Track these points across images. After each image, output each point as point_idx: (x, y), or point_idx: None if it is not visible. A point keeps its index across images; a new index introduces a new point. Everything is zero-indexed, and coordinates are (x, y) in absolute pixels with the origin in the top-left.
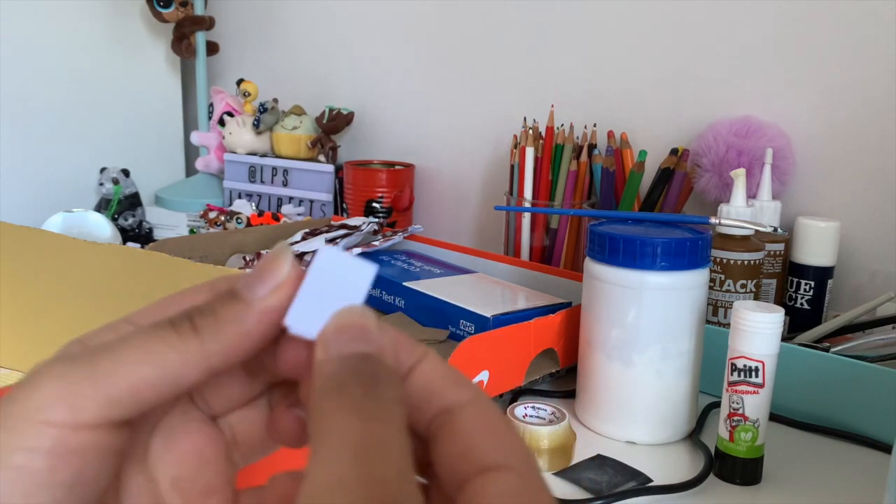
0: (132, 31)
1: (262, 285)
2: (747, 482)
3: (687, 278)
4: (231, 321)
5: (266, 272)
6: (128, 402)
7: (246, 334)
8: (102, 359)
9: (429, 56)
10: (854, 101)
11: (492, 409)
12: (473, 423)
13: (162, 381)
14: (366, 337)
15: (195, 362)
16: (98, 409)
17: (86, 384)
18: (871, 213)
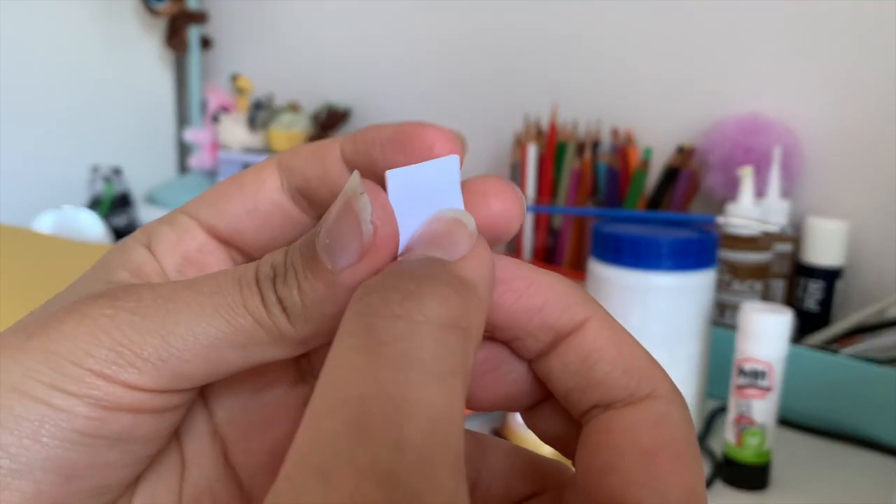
0: (124, 27)
1: (343, 255)
2: (754, 488)
3: (693, 279)
4: (318, 303)
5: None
6: (198, 377)
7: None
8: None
9: (427, 51)
10: (864, 99)
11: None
12: (609, 345)
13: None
14: (445, 241)
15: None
16: (159, 378)
17: (150, 347)
18: (880, 212)
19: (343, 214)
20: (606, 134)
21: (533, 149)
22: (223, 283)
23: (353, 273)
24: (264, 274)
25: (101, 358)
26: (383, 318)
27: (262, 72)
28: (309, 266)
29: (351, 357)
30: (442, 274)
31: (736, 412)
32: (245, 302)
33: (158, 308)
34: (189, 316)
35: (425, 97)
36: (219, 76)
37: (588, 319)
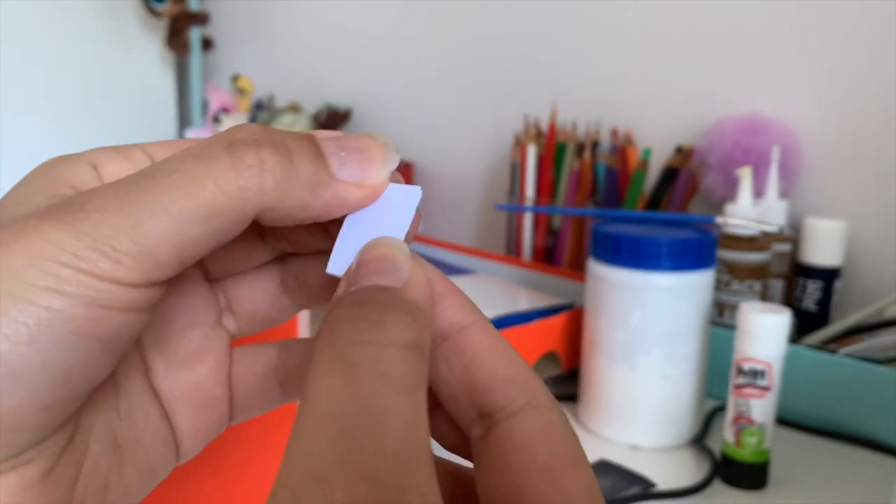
0: (126, 28)
1: (351, 170)
2: (753, 487)
3: (692, 279)
4: (304, 185)
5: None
6: (172, 264)
7: (307, 210)
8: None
9: (428, 52)
10: (863, 99)
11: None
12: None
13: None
14: (388, 269)
15: (244, 211)
16: (141, 269)
17: (125, 239)
18: (879, 212)
19: (370, 147)
20: (606, 134)
21: (532, 149)
22: (179, 161)
23: (349, 190)
24: (242, 139)
25: (87, 258)
26: (354, 345)
27: (263, 72)
28: (308, 155)
29: (329, 380)
30: (396, 301)
31: (735, 412)
32: (207, 169)
33: (122, 200)
34: (151, 200)
35: (425, 98)
36: (220, 77)
37: (471, 325)
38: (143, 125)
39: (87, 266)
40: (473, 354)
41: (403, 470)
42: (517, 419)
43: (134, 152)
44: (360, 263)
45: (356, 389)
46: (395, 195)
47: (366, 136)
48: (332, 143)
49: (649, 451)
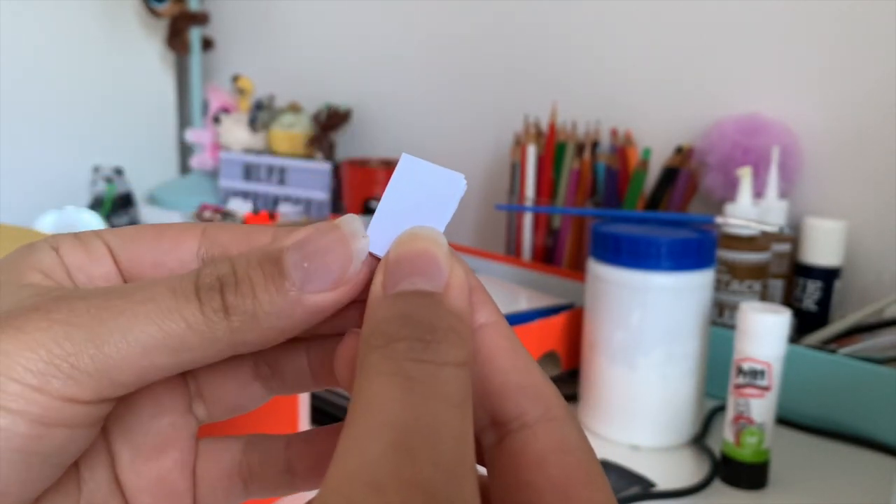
0: (126, 28)
1: (318, 280)
2: (753, 487)
3: (692, 279)
4: (272, 314)
5: (326, 257)
6: (130, 384)
7: (285, 331)
8: (106, 329)
9: (428, 52)
10: (862, 99)
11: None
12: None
13: (173, 365)
14: (429, 269)
15: (217, 350)
16: (97, 387)
17: (86, 357)
18: (878, 212)
19: (334, 248)
20: (605, 134)
21: (532, 149)
22: (155, 291)
23: (322, 299)
24: (206, 284)
25: (39, 372)
26: (413, 362)
27: (263, 73)
28: (272, 281)
29: (388, 392)
30: (445, 317)
31: (734, 411)
32: (179, 309)
33: (91, 317)
34: (122, 323)
35: (425, 98)
36: (220, 77)
37: (491, 324)
38: (143, 125)
39: (37, 383)
40: (489, 356)
41: (454, 483)
42: (531, 432)
43: (93, 242)
44: (399, 259)
45: (414, 403)
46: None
47: (329, 227)
48: (296, 254)
49: (649, 450)
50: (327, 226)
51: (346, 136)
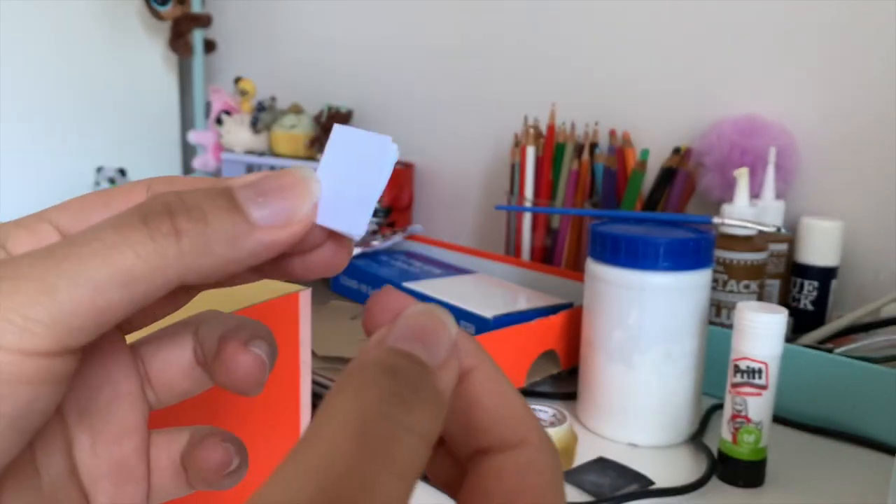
0: (129, 30)
1: (270, 210)
2: (750, 485)
3: (690, 279)
4: (223, 241)
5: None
6: (88, 329)
7: (232, 264)
8: (53, 276)
9: (428, 54)
10: (859, 100)
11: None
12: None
13: (127, 300)
14: (432, 344)
15: (166, 279)
16: (55, 337)
17: (38, 307)
18: (875, 212)
19: (290, 186)
20: (604, 135)
21: (531, 150)
22: (97, 231)
23: (273, 235)
24: (153, 210)
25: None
26: (377, 415)
27: (265, 74)
28: (224, 210)
29: (340, 434)
30: (429, 389)
31: (732, 410)
32: (126, 240)
33: (37, 268)
34: (69, 268)
35: (426, 98)
36: (222, 79)
37: (475, 368)
38: (145, 127)
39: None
40: (474, 396)
41: None
42: (503, 455)
43: (39, 226)
44: (411, 323)
45: (360, 459)
46: (371, 145)
47: (283, 172)
48: (248, 191)
49: (647, 448)
50: (280, 171)
51: None
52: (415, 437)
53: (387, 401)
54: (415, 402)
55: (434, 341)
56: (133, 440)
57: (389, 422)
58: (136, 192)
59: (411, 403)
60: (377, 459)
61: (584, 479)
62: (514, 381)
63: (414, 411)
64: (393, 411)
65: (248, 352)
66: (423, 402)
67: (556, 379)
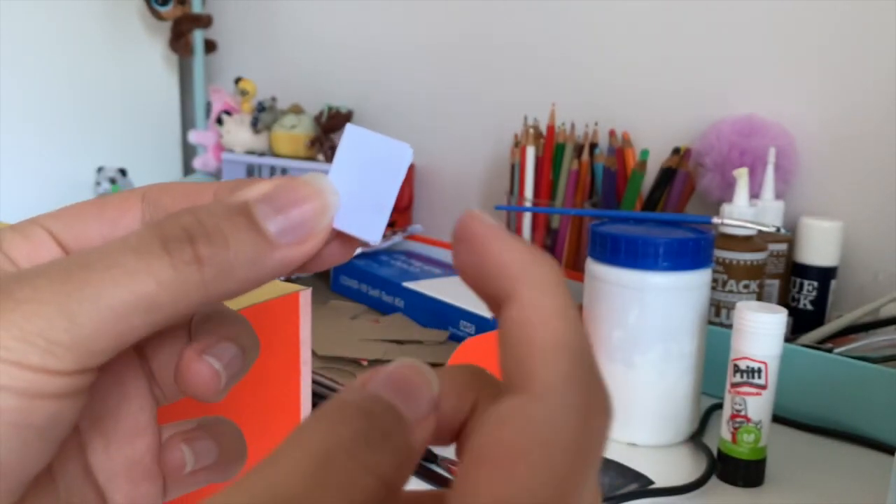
0: (129, 30)
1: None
2: (750, 484)
3: (689, 279)
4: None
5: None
6: (109, 350)
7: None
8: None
9: (429, 54)
10: (858, 101)
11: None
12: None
13: (148, 325)
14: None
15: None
16: (76, 359)
17: (60, 331)
18: (874, 213)
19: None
20: (604, 135)
21: (531, 150)
22: (116, 255)
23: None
24: (173, 235)
25: (15, 349)
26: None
27: (266, 74)
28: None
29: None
30: (400, 439)
31: (731, 410)
32: (148, 267)
33: (57, 292)
34: (90, 293)
35: (426, 99)
36: (222, 79)
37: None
38: (146, 127)
39: (16, 358)
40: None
41: None
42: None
43: (33, 231)
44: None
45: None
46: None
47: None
48: (266, 207)
49: (647, 448)
50: (296, 181)
51: None
52: (375, 480)
53: (355, 440)
54: (384, 447)
55: (416, 397)
56: (145, 439)
57: (353, 461)
58: (130, 202)
59: (380, 448)
60: (331, 494)
61: None
62: None
63: (380, 456)
64: (359, 452)
65: (202, 361)
66: (391, 449)
67: None
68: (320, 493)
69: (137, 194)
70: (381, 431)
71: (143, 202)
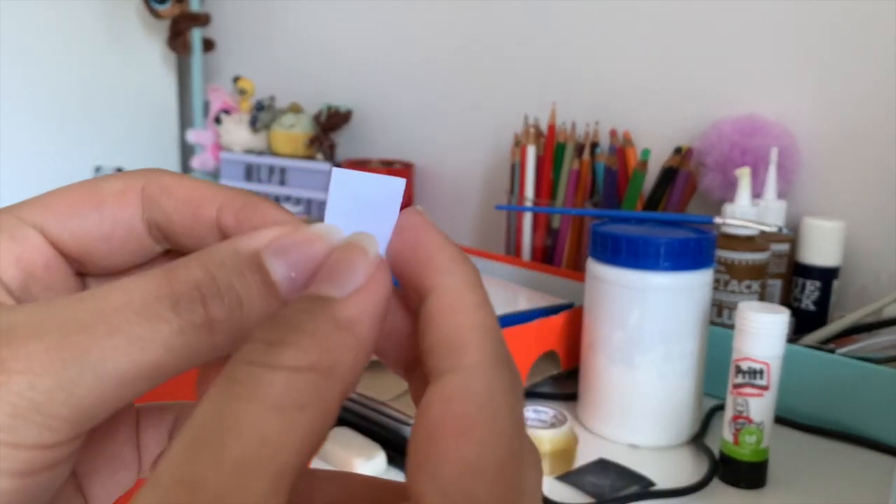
0: (127, 29)
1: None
2: (752, 486)
3: (691, 279)
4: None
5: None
6: (107, 414)
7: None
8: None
9: (428, 53)
10: (860, 100)
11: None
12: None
13: (150, 387)
14: (341, 276)
15: (196, 363)
16: (73, 428)
17: (57, 404)
18: (876, 212)
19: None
20: (605, 135)
21: (532, 150)
22: (120, 317)
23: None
24: (185, 296)
25: (9, 427)
26: (243, 364)
27: (264, 74)
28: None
29: (210, 393)
30: (312, 322)
31: (733, 411)
32: (154, 334)
33: (53, 361)
34: (90, 363)
35: (425, 98)
36: (221, 78)
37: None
38: (144, 126)
39: (10, 438)
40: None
41: (235, 480)
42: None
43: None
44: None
45: (223, 403)
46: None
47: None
48: (281, 266)
49: (648, 450)
50: (310, 234)
51: (346, 136)
52: (287, 372)
53: (256, 350)
54: (286, 341)
55: (344, 271)
56: (125, 432)
57: (251, 368)
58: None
59: (281, 344)
60: (241, 401)
61: (584, 481)
62: None
63: (284, 351)
64: (255, 358)
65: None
66: (298, 338)
67: (556, 380)
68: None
69: (136, 187)
70: (287, 326)
71: (143, 198)
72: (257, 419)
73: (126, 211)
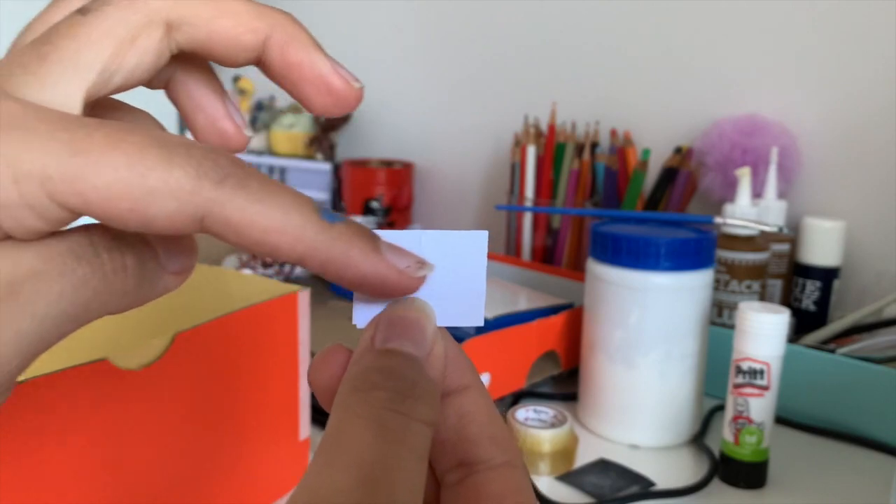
0: None
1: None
2: (752, 486)
3: (691, 279)
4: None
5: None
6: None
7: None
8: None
9: (428, 53)
10: (861, 100)
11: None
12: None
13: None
14: (417, 336)
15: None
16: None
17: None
18: (877, 212)
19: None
20: (605, 135)
21: (532, 149)
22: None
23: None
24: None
25: None
26: (390, 412)
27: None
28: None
29: (362, 432)
30: (424, 380)
31: (734, 411)
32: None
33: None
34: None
35: (426, 98)
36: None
37: (470, 386)
38: None
39: None
40: (468, 411)
41: None
42: (495, 473)
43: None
44: (393, 321)
45: (384, 448)
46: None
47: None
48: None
49: (648, 450)
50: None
51: (346, 136)
52: (422, 424)
53: (393, 401)
54: (416, 395)
55: (418, 332)
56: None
57: (401, 417)
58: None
59: (413, 397)
60: (397, 446)
61: (585, 481)
62: (514, 382)
63: (417, 404)
64: (400, 408)
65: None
66: (422, 393)
67: (556, 380)
68: (391, 449)
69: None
70: (407, 382)
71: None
72: (410, 467)
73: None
